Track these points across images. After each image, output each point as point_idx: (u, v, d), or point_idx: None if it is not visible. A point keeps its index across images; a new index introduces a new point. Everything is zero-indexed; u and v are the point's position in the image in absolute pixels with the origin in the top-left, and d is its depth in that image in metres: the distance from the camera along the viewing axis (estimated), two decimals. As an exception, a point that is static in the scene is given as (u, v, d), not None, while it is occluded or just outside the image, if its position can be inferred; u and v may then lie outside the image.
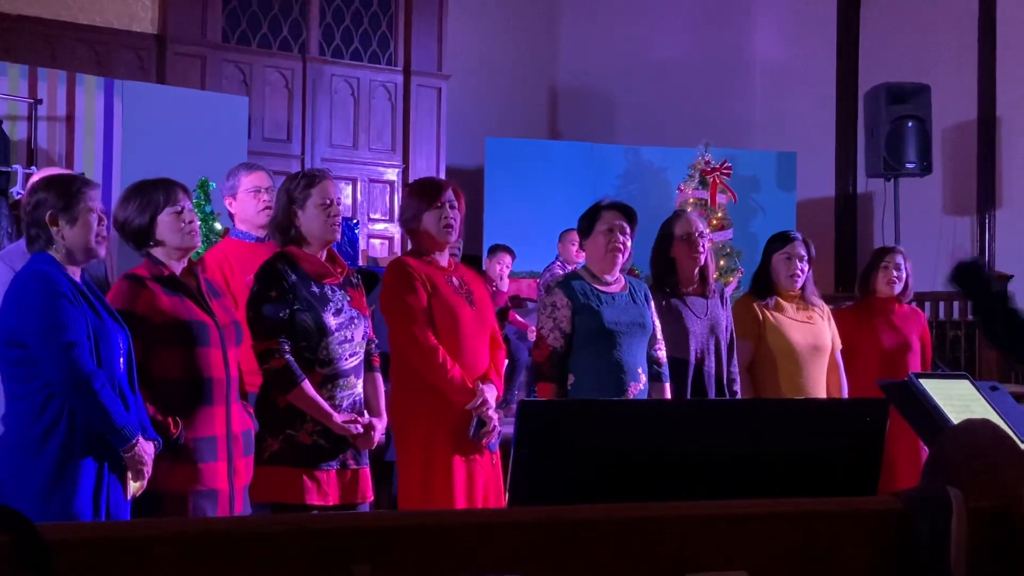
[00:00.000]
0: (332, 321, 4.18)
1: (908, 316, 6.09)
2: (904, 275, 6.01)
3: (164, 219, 3.95)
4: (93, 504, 3.54)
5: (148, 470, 3.62)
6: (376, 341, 4.42)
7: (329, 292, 4.22)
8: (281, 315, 4.13)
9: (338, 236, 4.35)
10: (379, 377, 4.42)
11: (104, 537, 1.89)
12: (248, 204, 4.95)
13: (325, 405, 4.14)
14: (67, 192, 3.61)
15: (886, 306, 6.01)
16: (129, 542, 1.86)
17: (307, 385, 4.11)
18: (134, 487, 3.62)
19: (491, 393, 4.48)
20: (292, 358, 4.11)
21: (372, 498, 4.32)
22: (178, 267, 3.99)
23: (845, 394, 5.53)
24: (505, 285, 9.99)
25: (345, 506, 4.16)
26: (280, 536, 1.93)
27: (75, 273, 3.63)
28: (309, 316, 4.16)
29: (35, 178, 4.41)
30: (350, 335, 4.23)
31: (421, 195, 4.59)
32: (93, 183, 3.73)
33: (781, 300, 5.52)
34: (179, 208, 3.96)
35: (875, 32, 13.28)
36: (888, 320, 5.99)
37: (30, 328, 3.51)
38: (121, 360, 3.62)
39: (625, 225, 4.87)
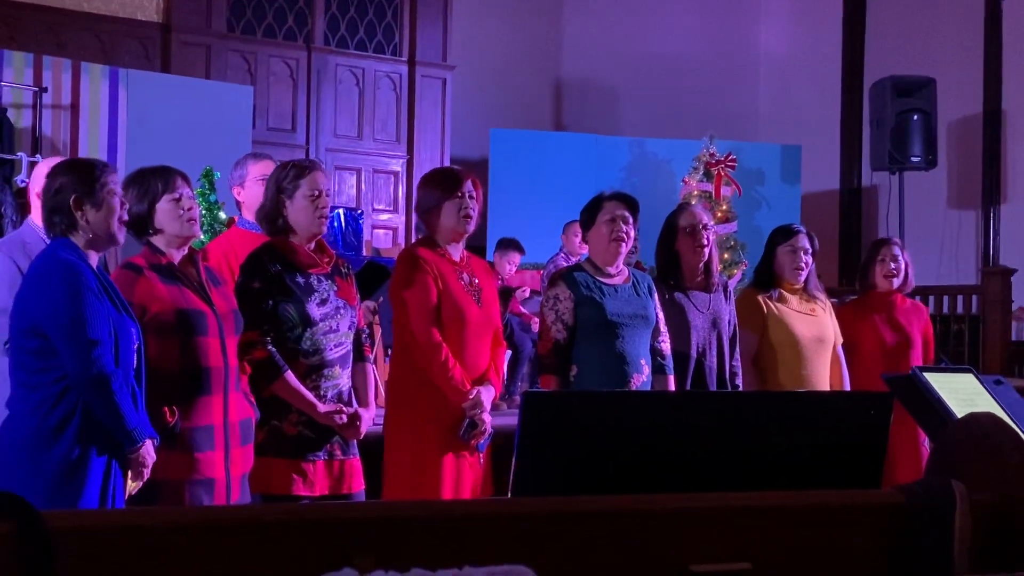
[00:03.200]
0: (316, 311, 4.15)
1: (910, 311, 6.04)
2: (902, 267, 5.97)
3: (163, 207, 3.91)
4: (100, 497, 3.53)
5: (147, 472, 3.62)
6: (367, 331, 4.40)
7: (315, 282, 4.19)
8: (263, 306, 4.11)
9: (325, 228, 4.31)
10: (370, 367, 4.39)
11: (106, 525, 1.89)
12: (256, 193, 4.93)
13: (309, 395, 4.11)
14: (90, 176, 3.57)
15: (886, 300, 5.98)
16: (130, 530, 1.86)
17: (290, 375, 4.09)
18: (132, 486, 3.61)
19: (488, 395, 4.47)
20: (274, 349, 4.09)
21: (362, 487, 4.30)
22: (177, 255, 3.96)
23: (847, 388, 5.52)
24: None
25: (333, 497, 4.14)
26: (283, 525, 1.93)
27: (93, 260, 3.60)
28: (292, 307, 4.13)
29: (44, 165, 4.38)
30: (335, 325, 4.20)
31: (442, 185, 4.55)
32: (113, 167, 3.69)
33: (785, 293, 5.51)
34: (177, 195, 3.93)
35: (881, 25, 13.26)
36: (889, 315, 5.96)
37: (54, 321, 3.47)
38: (133, 355, 3.61)
39: (627, 215, 4.85)
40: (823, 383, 5.44)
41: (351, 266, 4.51)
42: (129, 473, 3.59)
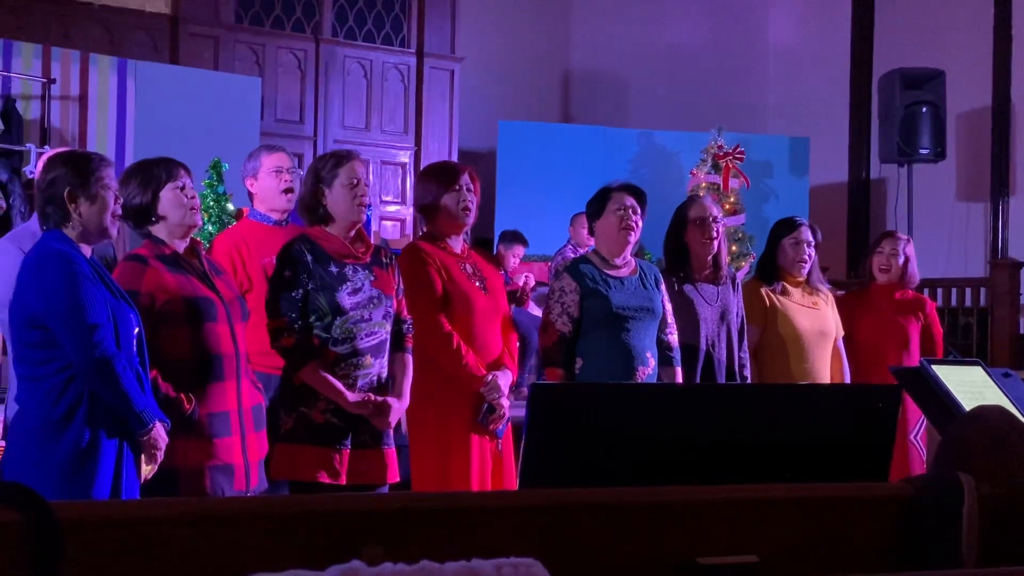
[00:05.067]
0: (347, 300, 4.17)
1: (908, 304, 5.99)
2: (901, 260, 5.93)
3: (166, 195, 3.94)
4: (113, 486, 3.54)
5: (161, 454, 3.62)
6: (408, 321, 4.39)
7: (349, 272, 4.21)
8: (293, 294, 4.14)
9: (364, 216, 4.32)
10: (408, 358, 4.34)
11: (115, 516, 1.90)
12: (270, 184, 4.97)
13: (337, 384, 4.12)
14: (85, 169, 3.58)
15: (884, 292, 5.95)
16: (139, 521, 1.87)
17: (318, 364, 4.12)
18: (146, 470, 3.62)
19: (505, 379, 4.49)
20: (302, 337, 4.12)
21: (397, 479, 4.27)
22: (180, 246, 3.99)
23: (847, 381, 5.51)
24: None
25: (360, 486, 4.14)
26: (291, 517, 1.93)
27: (86, 252, 3.61)
28: (323, 296, 4.16)
29: (47, 155, 4.39)
30: (368, 315, 4.21)
31: (439, 178, 4.58)
32: (109, 161, 3.70)
33: (788, 285, 5.52)
34: (181, 184, 3.96)
35: (889, 17, 13.22)
36: (883, 307, 5.92)
37: (52, 310, 3.47)
38: (134, 340, 3.62)
39: (636, 205, 4.86)
40: (823, 376, 5.44)
41: (393, 256, 4.47)
42: (142, 457, 3.60)
